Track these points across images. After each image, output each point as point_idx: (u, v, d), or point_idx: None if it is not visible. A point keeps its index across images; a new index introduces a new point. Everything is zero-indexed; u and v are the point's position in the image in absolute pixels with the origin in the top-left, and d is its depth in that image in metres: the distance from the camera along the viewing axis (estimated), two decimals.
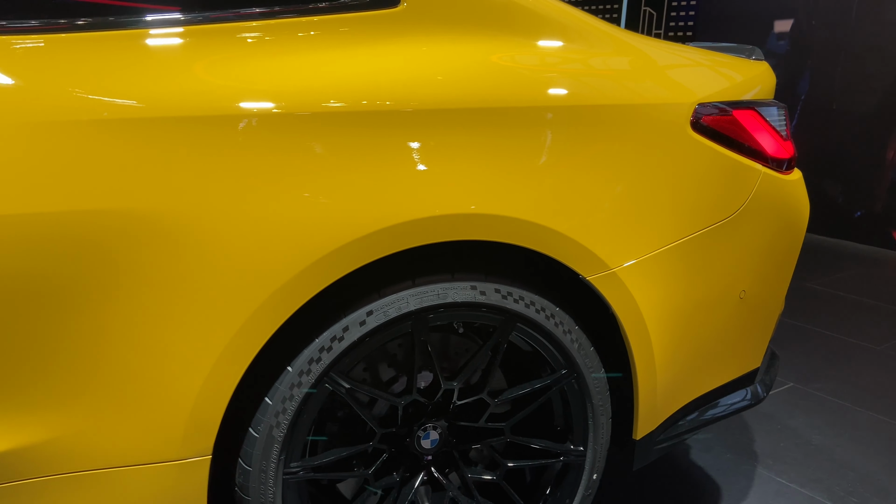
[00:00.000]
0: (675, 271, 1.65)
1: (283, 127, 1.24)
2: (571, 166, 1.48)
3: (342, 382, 1.42)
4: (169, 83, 1.20)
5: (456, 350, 1.65)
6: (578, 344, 1.58)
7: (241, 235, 1.23)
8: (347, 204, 1.28)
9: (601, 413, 1.65)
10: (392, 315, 1.40)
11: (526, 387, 1.60)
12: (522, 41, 1.51)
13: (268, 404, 1.37)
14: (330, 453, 1.47)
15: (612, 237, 1.54)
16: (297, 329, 1.40)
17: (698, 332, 1.76)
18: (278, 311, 1.28)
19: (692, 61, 1.80)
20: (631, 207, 1.56)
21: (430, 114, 1.35)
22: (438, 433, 1.60)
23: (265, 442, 1.37)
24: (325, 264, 1.29)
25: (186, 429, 1.28)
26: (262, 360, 1.38)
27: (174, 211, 1.19)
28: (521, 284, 1.52)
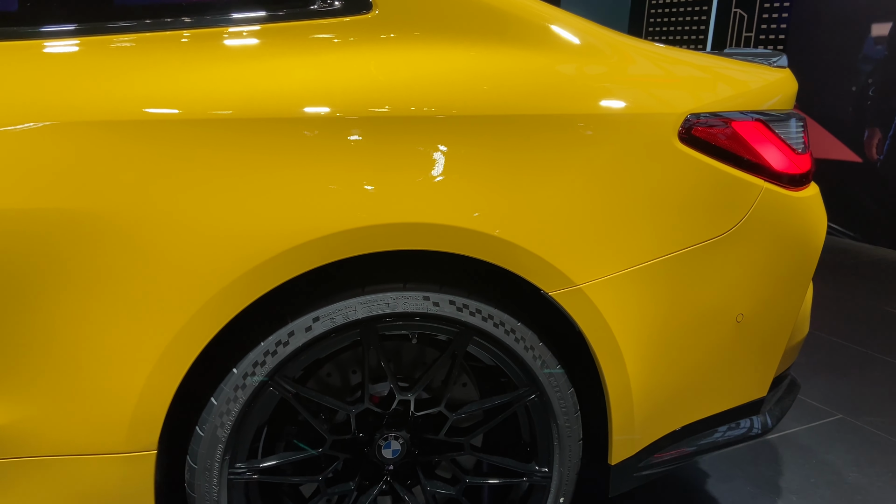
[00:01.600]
0: (655, 291, 1.56)
1: (226, 131, 1.27)
2: (532, 176, 1.43)
3: (287, 387, 1.43)
4: (96, 87, 1.25)
5: (413, 361, 1.63)
6: (542, 361, 1.53)
7: (177, 238, 1.27)
8: (288, 210, 1.30)
9: (568, 435, 1.58)
10: (339, 322, 1.40)
11: (486, 402, 1.56)
12: (491, 45, 1.47)
13: (213, 404, 1.40)
14: (277, 457, 1.48)
15: (579, 251, 1.47)
16: (247, 331, 1.42)
17: (685, 356, 1.66)
18: (219, 315, 1.31)
19: (690, 68, 1.70)
20: (602, 221, 1.49)
21: (382, 120, 1.34)
22: (400, 444, 1.58)
23: (210, 441, 1.40)
24: (266, 270, 1.30)
25: (131, 423, 1.33)
26: (212, 359, 1.41)
27: (117, 211, 1.24)
28: (480, 297, 1.48)
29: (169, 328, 1.30)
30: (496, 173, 1.40)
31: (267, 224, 1.29)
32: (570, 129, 1.46)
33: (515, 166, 1.41)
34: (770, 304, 1.75)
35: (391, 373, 1.49)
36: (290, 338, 1.39)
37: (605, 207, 1.49)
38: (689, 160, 1.56)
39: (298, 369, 1.44)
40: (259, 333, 1.41)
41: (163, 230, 1.26)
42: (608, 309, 1.51)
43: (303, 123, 1.30)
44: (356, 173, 1.33)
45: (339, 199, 1.32)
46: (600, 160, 1.48)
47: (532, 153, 1.43)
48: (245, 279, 1.30)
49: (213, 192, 1.27)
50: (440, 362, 1.51)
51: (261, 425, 1.53)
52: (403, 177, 1.35)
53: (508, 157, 1.41)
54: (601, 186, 1.48)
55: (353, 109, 1.33)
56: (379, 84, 1.36)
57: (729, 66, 1.78)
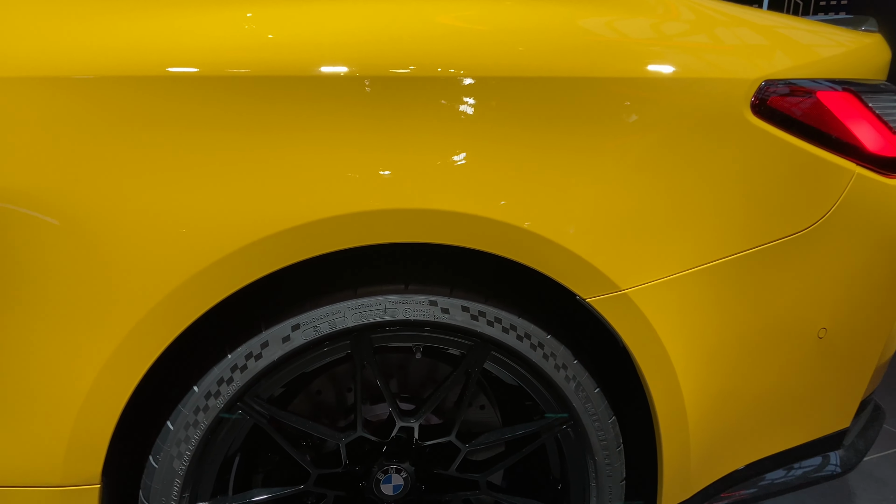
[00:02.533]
0: (718, 298, 1.26)
1: (179, 90, 1.01)
2: (570, 156, 1.14)
3: (260, 410, 1.16)
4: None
5: (418, 379, 1.35)
6: (577, 383, 1.23)
7: (118, 225, 1.01)
8: (258, 191, 1.03)
9: (608, 473, 1.29)
10: (324, 332, 1.13)
11: (507, 432, 1.27)
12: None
13: (168, 430, 1.14)
14: (245, 495, 1.22)
15: (625, 250, 1.18)
16: (211, 341, 1.16)
17: (754, 379, 1.35)
18: (174, 320, 1.05)
19: (763, 27, 1.39)
20: (654, 212, 1.19)
21: (383, 80, 1.07)
22: (403, 478, 1.30)
23: (165, 474, 1.14)
24: (232, 265, 1.04)
25: (67, 452, 1.08)
26: (172, 374, 1.16)
27: (38, 188, 0.99)
28: (500, 303, 1.20)
29: (110, 336, 1.04)
30: (527, 151, 1.12)
31: (232, 208, 1.03)
32: (617, 96, 1.16)
33: (550, 143, 1.13)
34: (859, 316, 1.43)
35: (390, 394, 1.21)
36: (263, 350, 1.13)
37: (657, 195, 1.19)
38: (763, 136, 1.26)
39: (275, 388, 1.17)
40: (226, 343, 1.15)
41: (98, 214, 1.01)
42: (660, 320, 1.21)
43: (279, 81, 1.03)
44: (348, 145, 1.06)
45: (325, 177, 1.05)
46: (653, 136, 1.18)
47: (571, 127, 1.14)
48: (206, 276, 1.04)
49: (161, 166, 1.01)
50: (450, 382, 1.22)
51: (231, 454, 1.26)
52: (409, 151, 1.07)
53: (542, 131, 1.12)
54: (654, 169, 1.19)
55: (347, 63, 1.05)
56: (380, 36, 1.08)
57: (810, 28, 1.47)
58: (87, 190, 1.00)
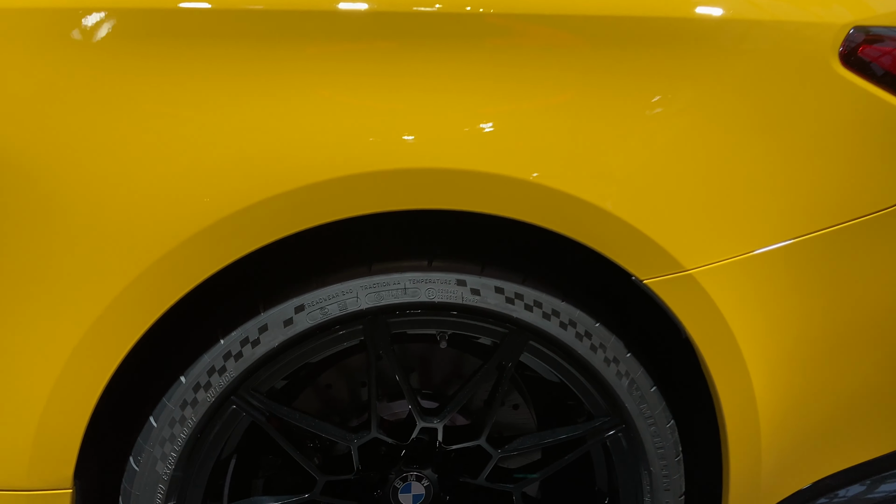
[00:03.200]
0: (801, 281, 1.07)
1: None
2: (623, 110, 0.96)
3: (258, 405, 0.99)
4: None
5: (443, 372, 1.17)
6: (630, 380, 1.04)
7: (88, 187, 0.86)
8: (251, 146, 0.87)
9: (665, 487, 1.10)
10: (333, 314, 0.96)
11: (546, 437, 1.09)
12: None
13: (151, 427, 0.98)
14: (247, 502, 1.05)
15: (690, 222, 1.00)
16: (201, 326, 1.00)
17: (843, 376, 1.15)
18: (155, 299, 0.90)
19: None
20: (725, 180, 1.01)
21: (404, 16, 0.89)
22: (424, 486, 1.13)
23: (147, 479, 0.98)
24: (223, 233, 0.88)
25: (33, 453, 0.94)
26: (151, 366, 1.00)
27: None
28: (540, 284, 1.02)
29: (79, 318, 0.89)
30: (577, 104, 0.94)
31: (224, 164, 0.87)
32: (685, 41, 0.98)
33: (606, 95, 0.95)
34: None
35: (409, 389, 1.04)
36: (261, 334, 0.96)
37: (730, 159, 1.00)
38: (853, 91, 1.05)
39: (275, 381, 1.00)
40: (217, 327, 0.98)
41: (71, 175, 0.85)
42: (730, 306, 1.02)
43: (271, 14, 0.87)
44: (358, 91, 0.89)
45: (336, 128, 0.88)
46: (726, 89, 0.99)
47: (629, 77, 0.95)
48: (192, 246, 0.88)
49: (139, 110, 0.85)
50: (481, 376, 1.04)
51: (225, 457, 1.10)
52: (432, 100, 0.90)
53: (597, 81, 0.94)
54: (726, 128, 1.00)
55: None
56: None
57: None
58: (45, 139, 0.84)
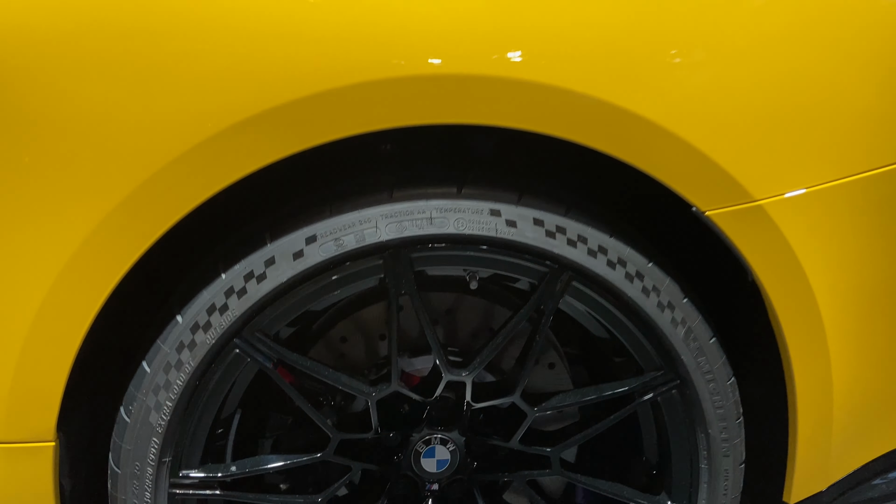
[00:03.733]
0: (882, 217, 0.93)
1: None
2: (687, 13, 0.83)
3: (263, 348, 0.88)
4: None
5: (473, 320, 1.05)
6: (686, 329, 0.91)
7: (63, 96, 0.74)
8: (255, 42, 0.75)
9: (724, 453, 0.97)
10: (349, 246, 0.84)
11: (589, 393, 0.96)
12: None
13: (144, 372, 0.87)
14: (248, 462, 0.93)
15: (762, 144, 0.87)
16: (200, 258, 0.89)
17: None
18: (145, 224, 0.79)
19: None
20: (802, 94, 0.87)
21: None
22: (450, 451, 1.01)
23: (139, 431, 0.87)
24: (223, 148, 0.77)
25: (9, 401, 0.83)
26: (144, 302, 0.89)
27: None
28: (585, 216, 0.89)
29: (63, 240, 0.78)
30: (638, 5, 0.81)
31: (229, 62, 0.75)
32: None
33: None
34: None
35: (434, 336, 0.91)
36: (268, 268, 0.84)
37: (810, 72, 0.87)
38: None
39: (282, 322, 0.89)
40: (219, 260, 0.87)
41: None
42: (806, 245, 0.90)
43: None
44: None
45: (343, 29, 0.76)
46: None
47: None
48: (186, 163, 0.76)
49: None
50: (516, 322, 0.92)
51: (228, 414, 0.99)
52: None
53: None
54: (804, 35, 0.87)
55: None
56: None
57: None
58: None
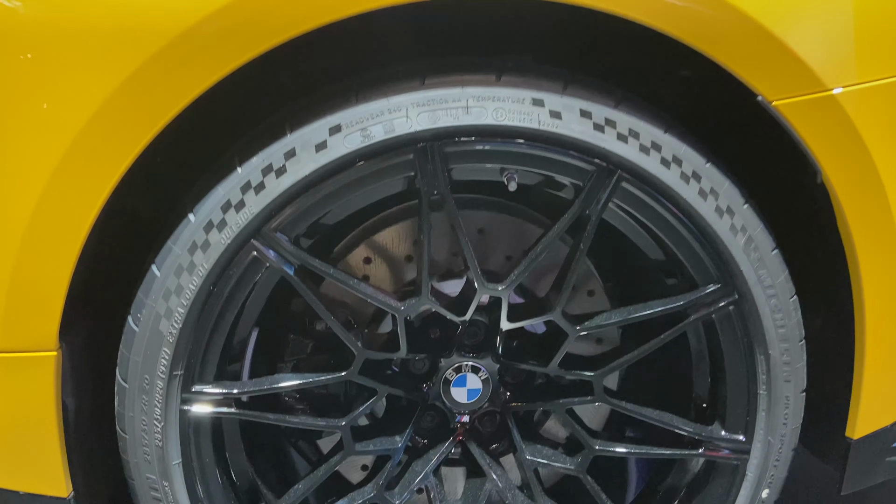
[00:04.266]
0: None
1: None
2: None
3: (283, 252, 0.80)
4: None
5: (510, 230, 0.97)
6: (746, 237, 0.83)
7: None
8: None
9: (785, 378, 0.88)
10: (377, 138, 0.77)
11: (637, 310, 0.88)
12: None
13: (154, 276, 0.79)
14: (265, 381, 0.86)
15: (835, 29, 0.78)
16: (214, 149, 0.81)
17: None
18: (149, 109, 0.71)
19: None
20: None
21: None
22: (482, 379, 0.93)
23: (148, 342, 0.80)
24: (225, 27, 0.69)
25: (6, 310, 0.76)
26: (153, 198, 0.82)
27: None
28: (638, 108, 0.80)
29: (62, 128, 0.71)
30: None
31: None
32: None
33: None
34: None
35: (468, 244, 0.83)
36: (288, 161, 0.77)
37: None
38: None
39: (304, 224, 0.81)
40: (234, 153, 0.79)
41: None
42: (882, 142, 0.80)
43: None
44: None
45: None
46: None
47: None
48: (196, 37, 0.69)
49: None
50: (558, 230, 0.84)
51: (246, 331, 0.92)
52: None
53: None
54: None
55: None
56: None
57: None
58: None
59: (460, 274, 1.01)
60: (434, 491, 0.95)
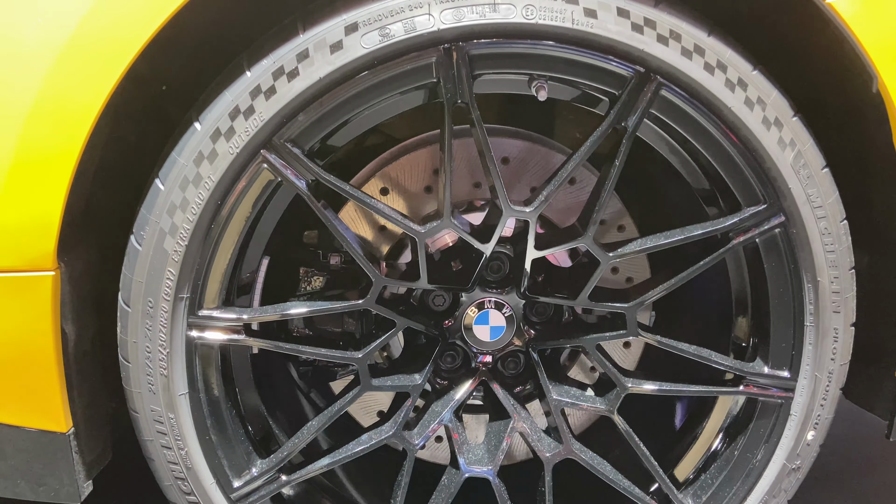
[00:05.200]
0: None
1: None
2: None
3: (296, 164, 0.75)
4: None
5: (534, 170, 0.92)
6: (796, 153, 0.77)
7: None
8: None
9: (834, 308, 0.82)
10: (397, 37, 0.71)
11: (675, 235, 0.81)
12: None
13: (158, 190, 0.74)
14: (277, 308, 0.80)
15: None
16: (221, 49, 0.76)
17: None
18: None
19: None
20: None
21: None
22: (505, 316, 0.88)
23: (153, 260, 0.75)
24: None
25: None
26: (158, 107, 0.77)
27: None
28: (679, 7, 0.74)
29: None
30: None
31: None
32: None
33: None
34: None
35: (493, 160, 0.77)
36: (300, 63, 0.71)
37: None
38: None
39: (318, 133, 0.76)
40: (243, 56, 0.74)
41: None
42: None
43: None
44: None
45: None
46: None
47: None
48: None
49: None
50: (591, 145, 0.78)
51: (256, 257, 0.86)
52: None
53: None
54: None
55: None
56: None
57: None
58: None
59: (483, 207, 0.96)
60: (457, 432, 0.89)
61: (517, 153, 0.96)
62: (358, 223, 0.96)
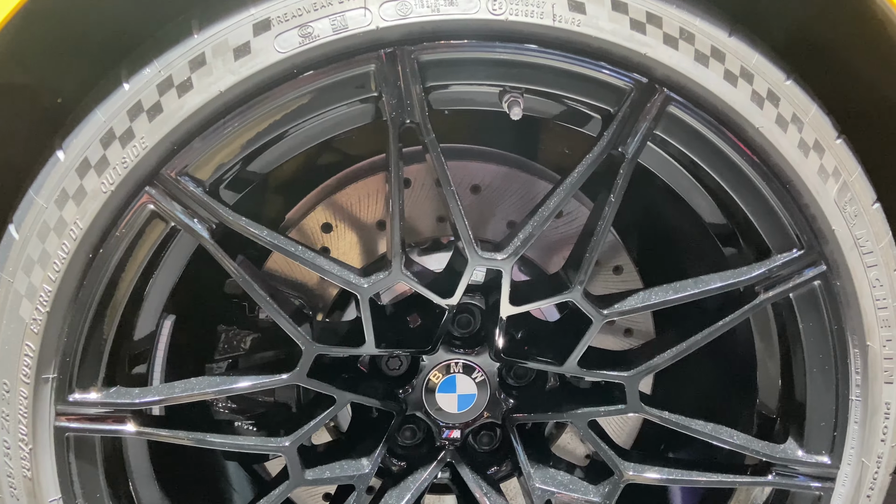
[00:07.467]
0: None
1: None
2: None
3: (192, 204, 0.57)
4: None
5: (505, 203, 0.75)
6: (840, 185, 0.60)
7: None
8: None
9: (886, 378, 0.65)
10: (322, 38, 0.54)
11: (687, 287, 0.64)
12: None
13: (11, 239, 0.56)
14: (174, 386, 0.62)
15: None
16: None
17: None
18: None
19: None
20: None
21: None
22: (476, 382, 0.71)
23: (5, 331, 0.57)
24: None
25: None
26: None
27: None
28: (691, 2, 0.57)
29: None
30: None
31: None
32: None
33: None
34: None
35: (455, 196, 0.60)
36: (195, 73, 0.54)
37: None
38: None
39: (226, 164, 0.58)
40: (122, 67, 0.56)
41: None
42: None
43: None
44: None
45: None
46: None
47: None
48: None
49: None
50: (580, 175, 0.60)
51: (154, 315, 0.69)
52: None
53: None
54: None
55: None
56: None
57: None
58: None
59: (448, 246, 0.79)
60: None
61: (490, 180, 0.78)
62: (295, 266, 0.78)
